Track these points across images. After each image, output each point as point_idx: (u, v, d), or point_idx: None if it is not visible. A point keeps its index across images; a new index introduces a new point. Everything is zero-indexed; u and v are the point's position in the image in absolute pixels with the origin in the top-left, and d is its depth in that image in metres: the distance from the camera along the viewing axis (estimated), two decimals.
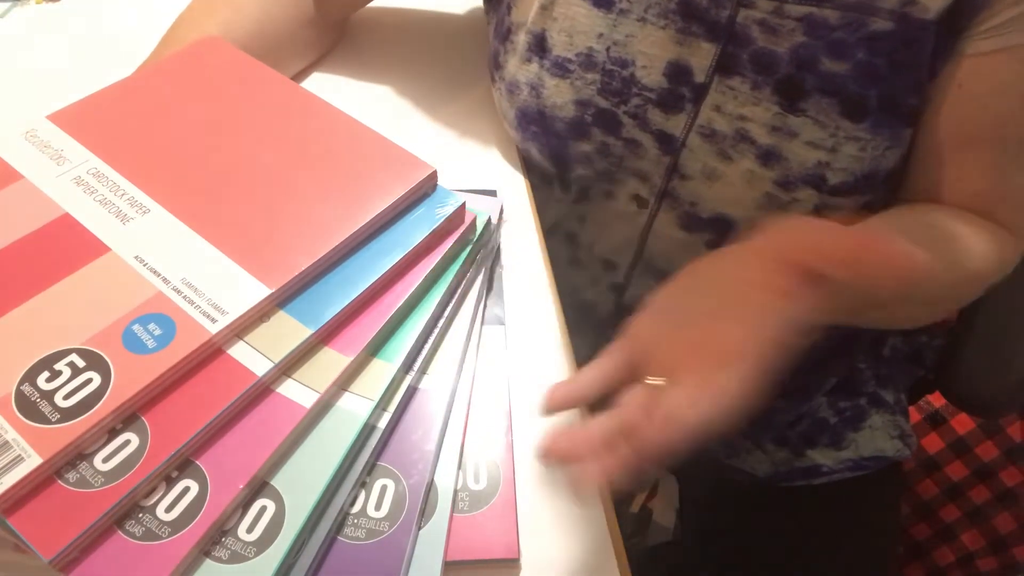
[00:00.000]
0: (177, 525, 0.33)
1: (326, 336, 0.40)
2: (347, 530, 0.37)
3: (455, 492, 0.40)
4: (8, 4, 0.73)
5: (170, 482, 0.34)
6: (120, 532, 0.33)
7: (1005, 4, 0.44)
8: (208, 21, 0.58)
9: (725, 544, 0.69)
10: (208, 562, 0.33)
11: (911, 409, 0.89)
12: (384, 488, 0.39)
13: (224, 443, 0.36)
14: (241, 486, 0.34)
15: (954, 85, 0.48)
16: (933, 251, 0.47)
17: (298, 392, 0.38)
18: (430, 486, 0.39)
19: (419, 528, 0.38)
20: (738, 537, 0.69)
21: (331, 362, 0.39)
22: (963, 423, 0.88)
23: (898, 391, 0.70)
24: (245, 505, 0.35)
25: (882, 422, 0.67)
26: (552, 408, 0.38)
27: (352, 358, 0.39)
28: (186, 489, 0.34)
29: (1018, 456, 0.85)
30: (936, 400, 0.90)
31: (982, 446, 0.87)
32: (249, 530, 0.34)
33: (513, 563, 0.39)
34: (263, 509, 0.35)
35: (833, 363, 0.65)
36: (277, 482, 0.36)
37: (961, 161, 0.50)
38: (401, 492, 0.38)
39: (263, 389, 0.38)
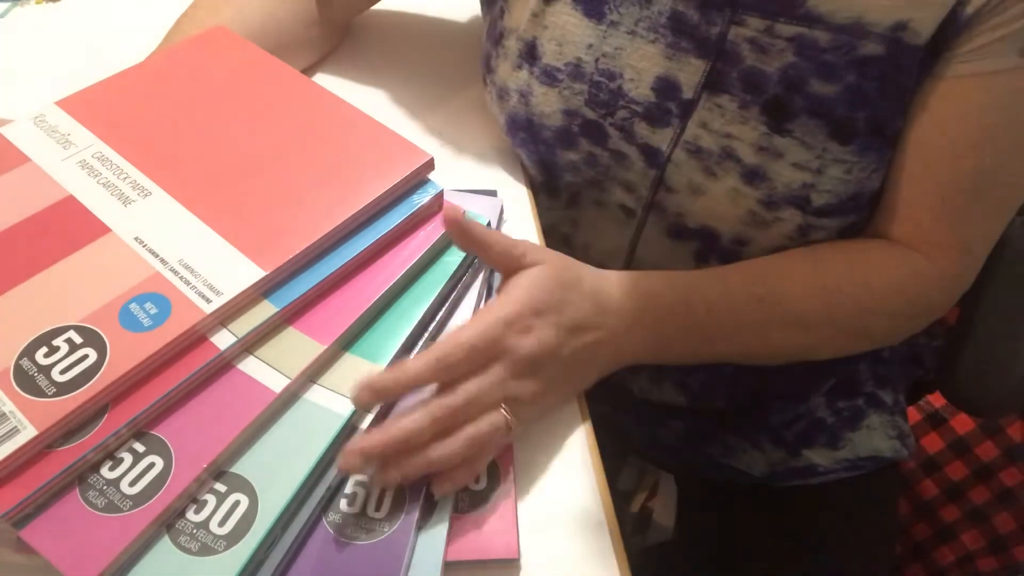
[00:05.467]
0: (139, 499, 0.34)
1: (293, 317, 0.40)
2: (347, 530, 0.37)
3: (455, 492, 0.40)
4: (8, 4, 0.73)
5: (136, 457, 0.35)
6: (83, 503, 0.34)
7: (984, 28, 0.43)
8: (211, 21, 0.58)
9: (723, 544, 0.69)
10: (179, 553, 0.34)
11: (911, 409, 0.89)
12: (384, 488, 0.39)
13: (190, 420, 0.37)
14: (204, 465, 0.35)
15: (922, 107, 0.47)
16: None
17: (266, 374, 0.38)
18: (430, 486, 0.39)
19: (419, 528, 0.38)
20: (735, 537, 0.69)
21: (302, 347, 0.39)
22: (963, 423, 0.88)
23: (896, 392, 0.70)
24: (219, 498, 0.36)
25: (880, 422, 0.67)
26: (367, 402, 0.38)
27: (326, 347, 0.39)
28: (151, 465, 0.35)
29: (1018, 456, 0.85)
30: (936, 400, 0.90)
31: (982, 446, 0.87)
32: (221, 523, 0.35)
33: (513, 563, 0.39)
34: (236, 503, 0.35)
35: (834, 365, 0.65)
36: (252, 477, 0.36)
37: (914, 188, 0.49)
38: (401, 492, 0.38)
39: (225, 364, 0.38)
